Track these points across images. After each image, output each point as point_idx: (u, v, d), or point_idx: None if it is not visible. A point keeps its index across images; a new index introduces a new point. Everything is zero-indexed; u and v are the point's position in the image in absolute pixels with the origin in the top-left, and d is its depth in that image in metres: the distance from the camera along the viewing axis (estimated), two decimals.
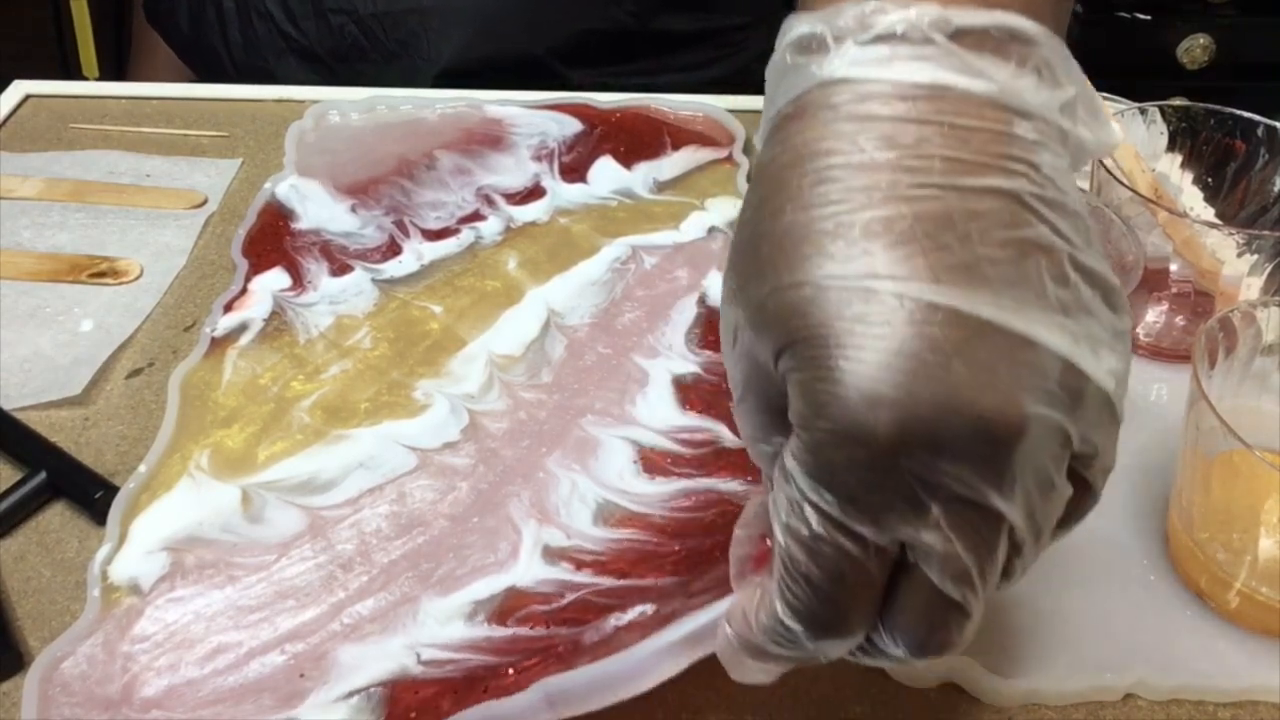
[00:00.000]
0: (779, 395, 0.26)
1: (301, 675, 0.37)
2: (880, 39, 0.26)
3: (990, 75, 0.25)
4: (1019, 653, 0.38)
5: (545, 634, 0.37)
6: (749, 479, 0.43)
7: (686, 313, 0.51)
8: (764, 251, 0.26)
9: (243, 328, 0.50)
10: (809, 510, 0.25)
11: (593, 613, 0.38)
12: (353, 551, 0.41)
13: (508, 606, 0.38)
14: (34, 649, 0.39)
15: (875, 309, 0.24)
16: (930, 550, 0.25)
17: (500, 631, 0.38)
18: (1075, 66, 0.27)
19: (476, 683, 0.36)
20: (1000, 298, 0.24)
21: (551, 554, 0.40)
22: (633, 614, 0.37)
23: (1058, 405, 0.24)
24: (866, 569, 0.25)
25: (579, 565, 0.40)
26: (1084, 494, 0.27)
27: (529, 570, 0.40)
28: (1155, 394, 0.49)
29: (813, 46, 0.27)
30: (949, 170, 0.24)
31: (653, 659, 0.33)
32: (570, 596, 0.38)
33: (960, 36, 0.25)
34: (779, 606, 0.27)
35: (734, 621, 0.30)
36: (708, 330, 0.51)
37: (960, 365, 0.23)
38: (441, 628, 0.38)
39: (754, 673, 0.31)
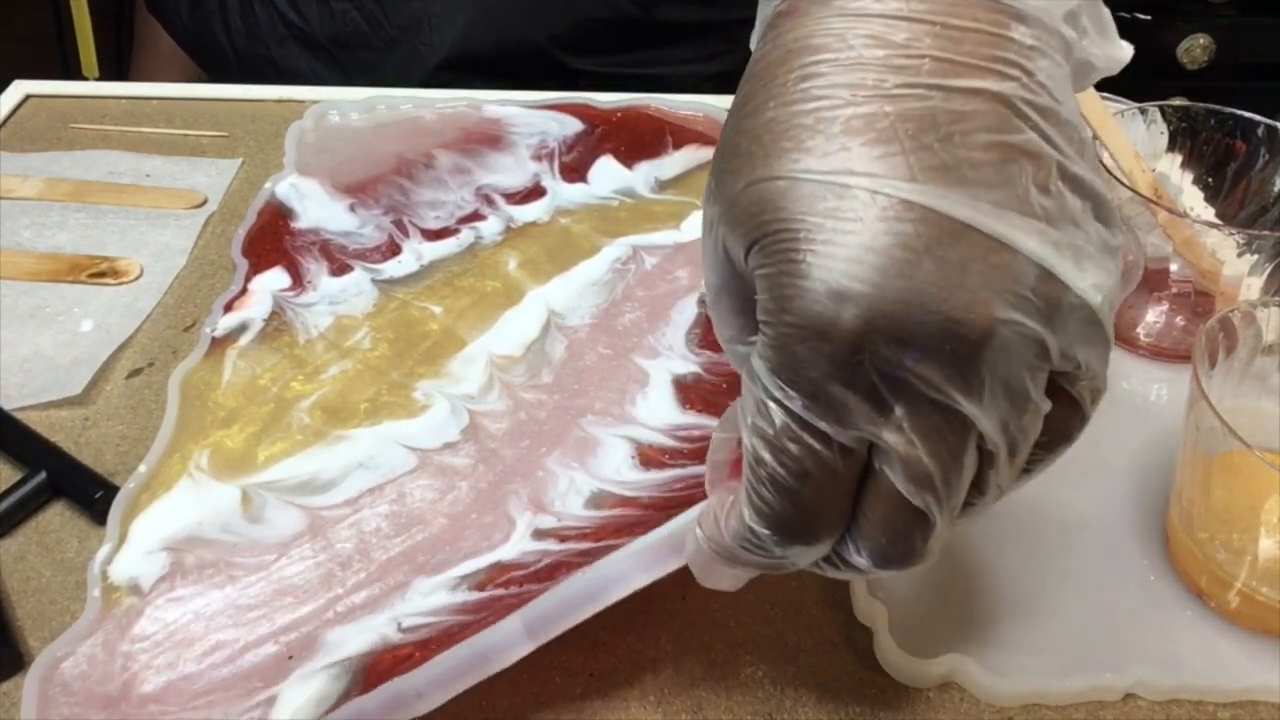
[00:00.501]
0: (753, 293, 0.26)
1: (290, 658, 0.37)
2: None
3: None
4: (1019, 653, 0.38)
5: (519, 591, 0.38)
6: None
7: (687, 313, 0.51)
8: (742, 146, 0.25)
9: (243, 328, 0.50)
10: (773, 408, 0.25)
11: (564, 570, 0.38)
12: (352, 550, 0.41)
13: (490, 578, 0.39)
14: (34, 649, 0.39)
15: (848, 204, 0.23)
16: (892, 451, 0.25)
17: (477, 595, 0.38)
18: None
19: (451, 639, 0.36)
20: (978, 200, 0.23)
21: (540, 534, 0.41)
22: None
23: (1032, 312, 0.24)
24: (831, 469, 0.25)
25: (563, 539, 0.41)
26: (1072, 413, 0.27)
27: (516, 547, 0.40)
28: (1155, 394, 0.49)
29: None
30: (937, 70, 0.24)
31: (624, 567, 0.34)
32: (545, 561, 0.39)
33: None
34: (746, 512, 0.27)
35: (705, 524, 0.29)
36: (708, 330, 0.51)
37: (930, 264, 0.23)
38: (424, 599, 0.39)
39: (722, 578, 0.31)
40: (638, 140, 0.63)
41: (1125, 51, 0.29)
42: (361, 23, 0.75)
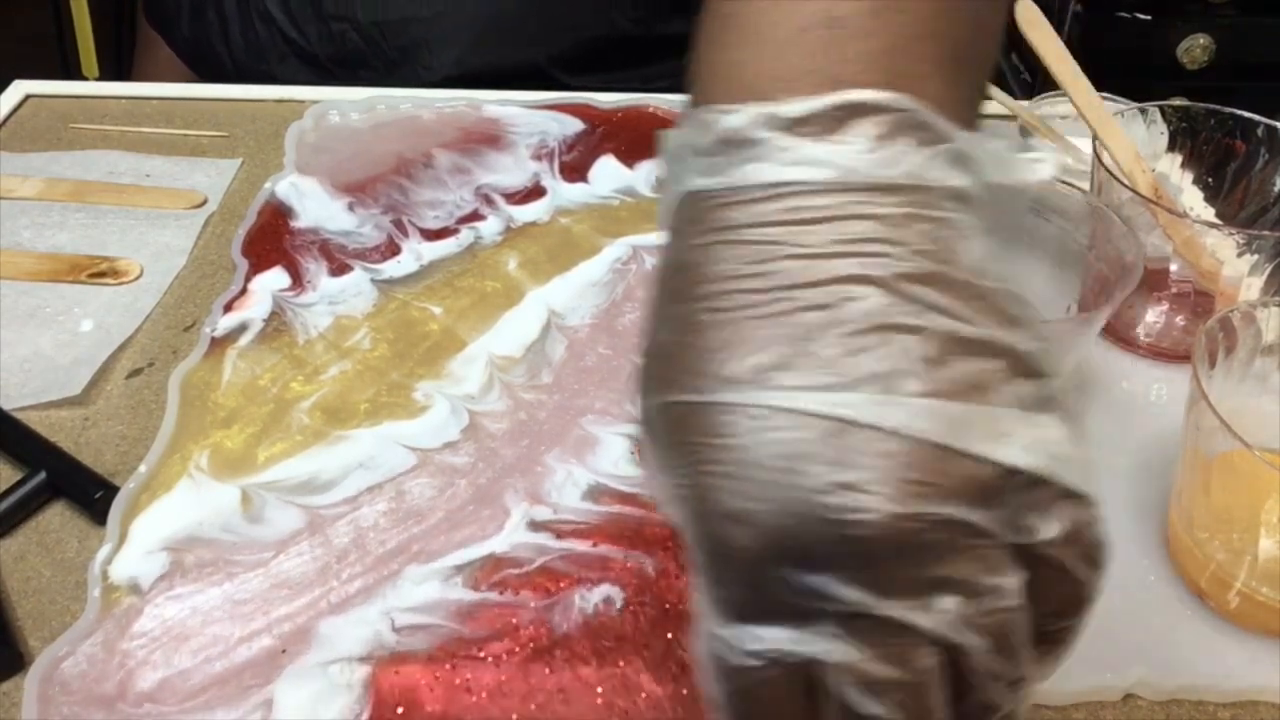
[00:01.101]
0: None
1: (283, 651, 0.37)
2: (717, 146, 0.25)
3: (832, 160, 0.24)
4: None
5: (513, 601, 0.38)
6: None
7: None
8: (645, 366, 0.26)
9: (242, 328, 0.50)
10: (711, 631, 0.25)
11: (561, 580, 0.38)
12: (348, 544, 0.41)
13: (484, 572, 0.39)
14: (34, 649, 0.39)
15: (732, 422, 0.23)
16: (829, 665, 0.23)
17: (470, 595, 0.38)
18: (943, 122, 0.25)
19: (447, 659, 0.36)
20: (854, 393, 0.22)
21: (536, 525, 0.41)
22: (598, 596, 0.38)
23: (938, 498, 0.22)
24: (778, 693, 0.24)
25: (560, 535, 0.41)
26: (1064, 578, 0.25)
27: (510, 538, 0.40)
28: (1155, 394, 0.49)
29: (674, 159, 0.26)
30: (794, 271, 0.23)
31: None
32: (540, 560, 0.39)
33: (801, 125, 0.24)
34: None
35: None
36: None
37: (813, 468, 0.22)
38: (416, 587, 0.39)
39: None
40: (639, 139, 0.64)
41: (1041, 171, 0.27)
42: (360, 43, 0.74)
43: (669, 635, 0.37)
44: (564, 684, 0.36)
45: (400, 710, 0.35)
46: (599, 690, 0.36)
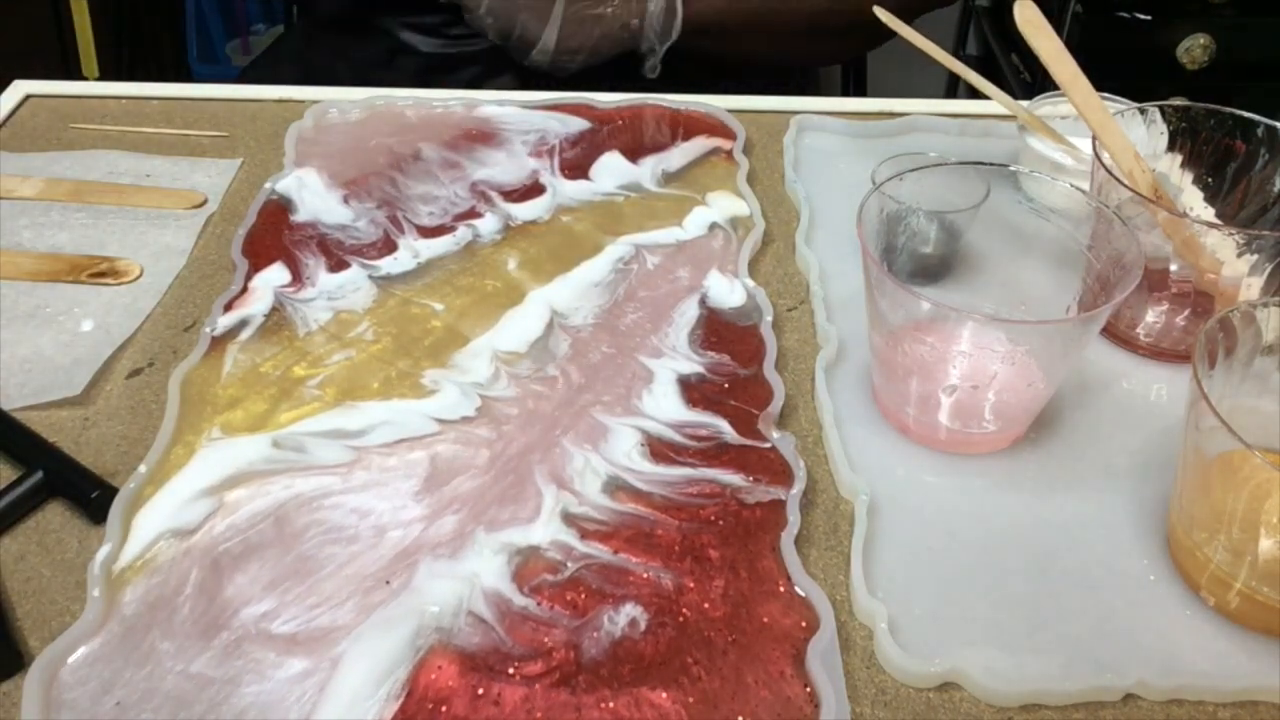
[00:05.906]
0: None
1: (387, 583, 0.40)
2: None
3: None
4: (1019, 653, 0.38)
5: (549, 616, 0.38)
6: (750, 475, 0.43)
7: (689, 314, 0.52)
8: None
9: (242, 324, 0.50)
10: None
11: (588, 596, 0.39)
12: (404, 474, 0.43)
13: (529, 568, 0.40)
14: (34, 649, 0.39)
15: None
16: None
17: (519, 600, 0.39)
18: None
19: (483, 670, 0.37)
20: None
21: (567, 518, 0.42)
22: (623, 620, 0.38)
23: None
24: None
25: (584, 534, 0.41)
26: None
27: (547, 530, 0.41)
28: (1155, 394, 0.49)
29: None
30: None
31: None
32: (572, 567, 0.40)
33: None
34: None
35: None
36: (709, 331, 0.51)
37: None
38: (494, 556, 0.40)
39: None
40: (644, 135, 0.64)
41: None
42: None
43: (680, 649, 0.38)
44: (580, 702, 0.36)
45: (430, 707, 0.36)
46: (610, 705, 0.36)
